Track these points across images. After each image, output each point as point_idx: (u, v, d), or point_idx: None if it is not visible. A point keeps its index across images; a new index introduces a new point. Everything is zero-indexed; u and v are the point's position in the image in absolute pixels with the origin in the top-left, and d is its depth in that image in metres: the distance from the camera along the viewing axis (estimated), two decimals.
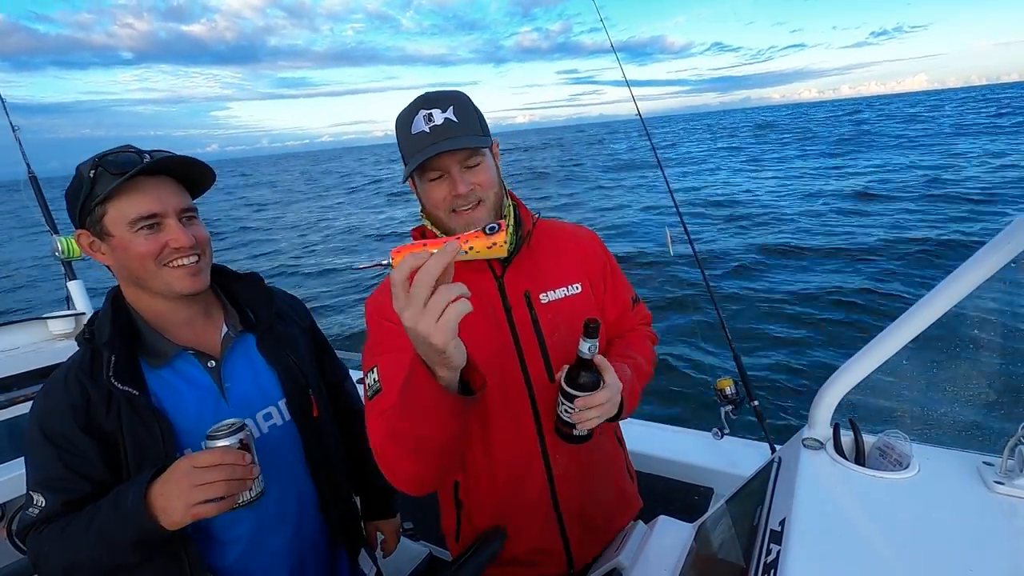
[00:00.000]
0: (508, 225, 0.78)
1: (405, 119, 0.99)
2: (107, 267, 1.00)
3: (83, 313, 2.32)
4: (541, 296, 1.10)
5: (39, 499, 0.92)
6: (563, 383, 0.95)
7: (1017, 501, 0.70)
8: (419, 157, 0.95)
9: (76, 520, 0.89)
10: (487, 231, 0.71)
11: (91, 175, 0.92)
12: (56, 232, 2.40)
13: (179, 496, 0.83)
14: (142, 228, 0.93)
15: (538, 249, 1.15)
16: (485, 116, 1.07)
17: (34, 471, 0.94)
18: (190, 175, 1.01)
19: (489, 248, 0.70)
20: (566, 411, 0.94)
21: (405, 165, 1.01)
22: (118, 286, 1.02)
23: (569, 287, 1.13)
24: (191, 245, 0.97)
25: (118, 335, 0.96)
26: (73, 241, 2.38)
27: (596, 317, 0.90)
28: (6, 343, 2.10)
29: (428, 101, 0.98)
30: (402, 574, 1.78)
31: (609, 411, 0.94)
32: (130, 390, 0.92)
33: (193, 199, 1.04)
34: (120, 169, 0.91)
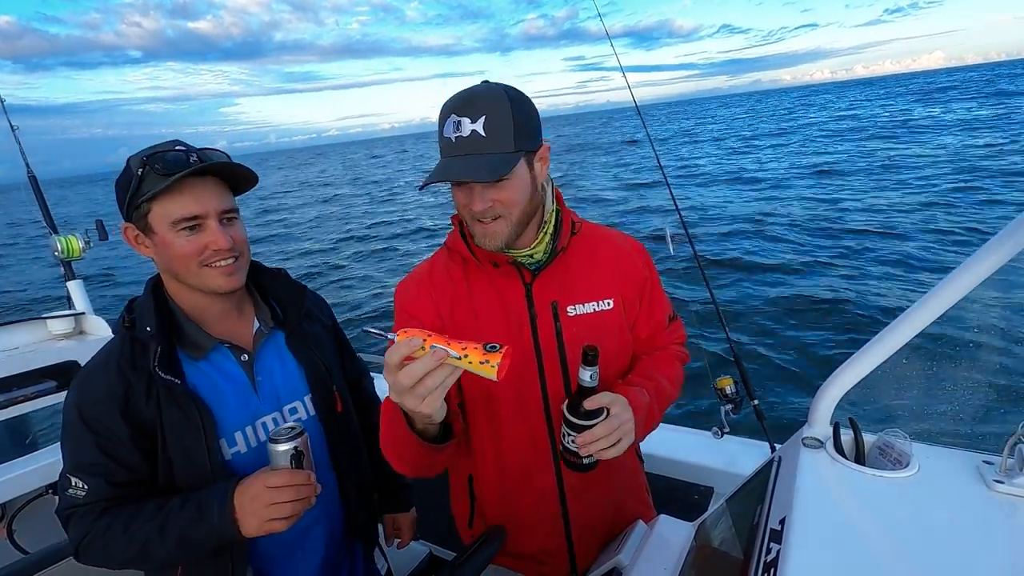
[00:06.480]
0: (544, 249, 1.04)
1: (442, 115, 0.95)
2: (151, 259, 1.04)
3: (83, 313, 2.32)
4: (569, 308, 1.07)
5: (79, 483, 0.96)
6: (565, 411, 0.92)
7: (1017, 500, 0.70)
8: (434, 173, 0.93)
9: (141, 517, 0.94)
10: (486, 348, 0.74)
11: (139, 173, 0.94)
12: (56, 232, 2.40)
13: (255, 513, 0.92)
14: (183, 228, 0.96)
15: (574, 258, 1.10)
16: None
17: (72, 456, 0.98)
18: (234, 175, 1.03)
19: (481, 364, 0.73)
20: (571, 440, 0.92)
21: None
22: (158, 275, 1.06)
23: (600, 302, 1.09)
24: (229, 248, 0.99)
25: (163, 327, 0.99)
26: (73, 241, 2.39)
27: (595, 344, 0.87)
28: (6, 343, 2.10)
29: (461, 106, 0.91)
30: (404, 573, 1.78)
31: (617, 439, 0.91)
32: (172, 379, 0.96)
33: (236, 195, 1.06)
34: (167, 169, 0.93)
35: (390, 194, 27.12)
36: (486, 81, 0.98)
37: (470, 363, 0.73)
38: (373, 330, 0.80)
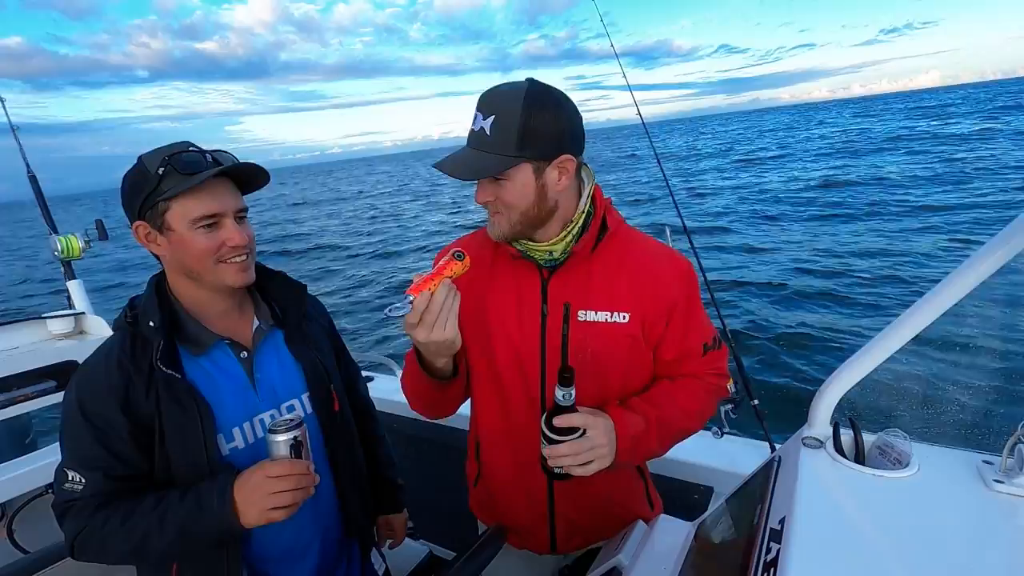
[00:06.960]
0: (570, 232, 1.04)
1: None
2: (157, 257, 1.05)
3: (83, 313, 2.32)
4: (580, 312, 1.05)
5: (76, 476, 0.96)
6: (542, 421, 0.95)
7: (1017, 500, 0.70)
8: (446, 160, 1.00)
9: (140, 510, 0.94)
10: (455, 256, 0.91)
11: (159, 172, 0.95)
12: (56, 232, 2.40)
13: (255, 503, 0.93)
14: (202, 227, 0.98)
15: (599, 263, 1.07)
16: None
17: (71, 450, 0.98)
18: (245, 177, 1.05)
19: (463, 271, 0.91)
20: (544, 449, 0.95)
21: None
22: (161, 273, 1.07)
23: (614, 314, 1.05)
24: (245, 244, 1.02)
25: (165, 322, 1.00)
26: (73, 240, 2.39)
27: (572, 366, 0.90)
28: (6, 343, 2.10)
29: (483, 100, 0.95)
30: (403, 572, 1.78)
31: (585, 460, 0.93)
32: (173, 373, 0.97)
33: (243, 194, 1.08)
34: (188, 169, 0.95)
35: (395, 209, 27.10)
36: (530, 78, 0.97)
37: (456, 273, 0.90)
38: (394, 314, 0.87)
